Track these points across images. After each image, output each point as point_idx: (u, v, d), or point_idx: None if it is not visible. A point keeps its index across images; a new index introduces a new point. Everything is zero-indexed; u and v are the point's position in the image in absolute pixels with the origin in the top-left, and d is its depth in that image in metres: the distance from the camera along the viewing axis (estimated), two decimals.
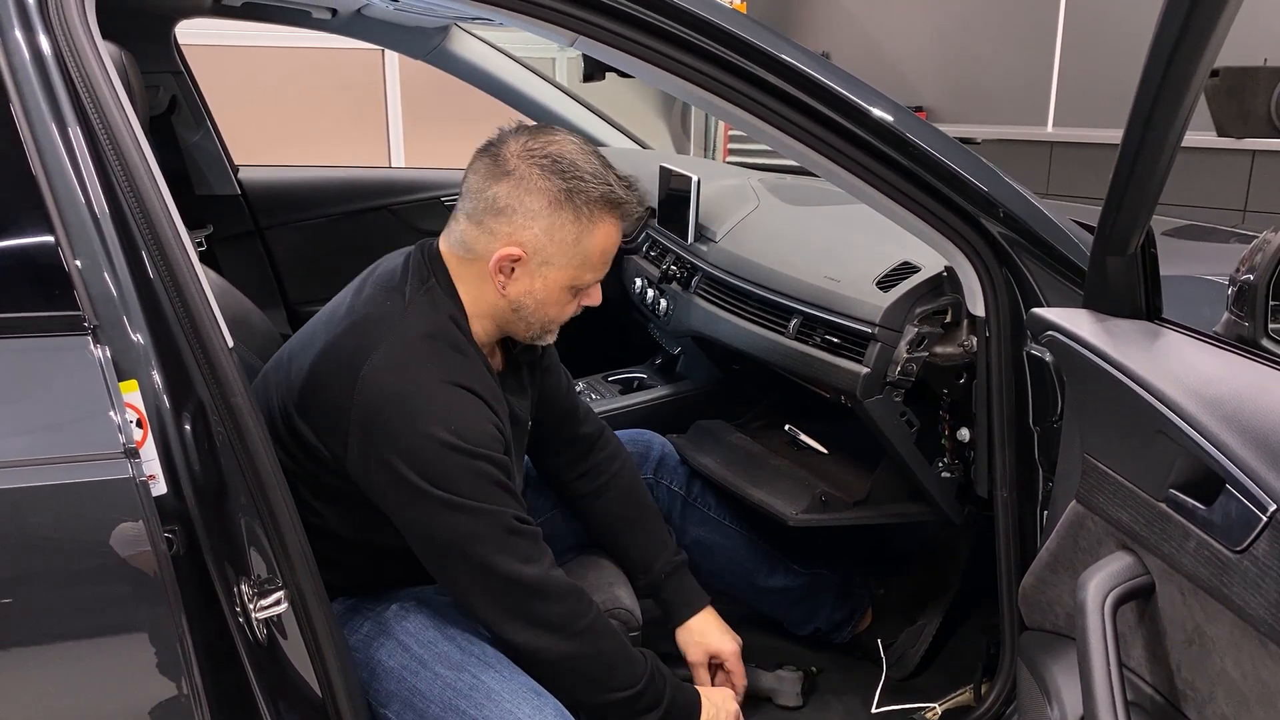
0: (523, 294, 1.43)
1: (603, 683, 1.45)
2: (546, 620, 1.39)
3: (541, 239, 1.39)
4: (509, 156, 1.39)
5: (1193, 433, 0.98)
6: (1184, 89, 1.02)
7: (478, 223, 1.41)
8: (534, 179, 1.38)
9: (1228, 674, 0.99)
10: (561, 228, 1.39)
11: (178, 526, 1.08)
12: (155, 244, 1.10)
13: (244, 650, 1.12)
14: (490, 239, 1.40)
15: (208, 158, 2.80)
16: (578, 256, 1.42)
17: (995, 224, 1.45)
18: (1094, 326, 1.22)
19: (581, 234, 1.40)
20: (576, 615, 1.41)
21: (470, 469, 1.33)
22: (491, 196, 1.39)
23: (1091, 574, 1.12)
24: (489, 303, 1.44)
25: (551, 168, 1.38)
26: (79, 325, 1.05)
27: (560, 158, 1.39)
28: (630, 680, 1.45)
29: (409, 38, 2.67)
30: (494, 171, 1.39)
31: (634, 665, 1.47)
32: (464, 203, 1.43)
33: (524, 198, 1.38)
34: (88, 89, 1.10)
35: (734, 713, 1.62)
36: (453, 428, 1.32)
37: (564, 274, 1.43)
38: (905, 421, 1.67)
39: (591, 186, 1.39)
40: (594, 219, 1.40)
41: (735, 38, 1.35)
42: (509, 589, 1.36)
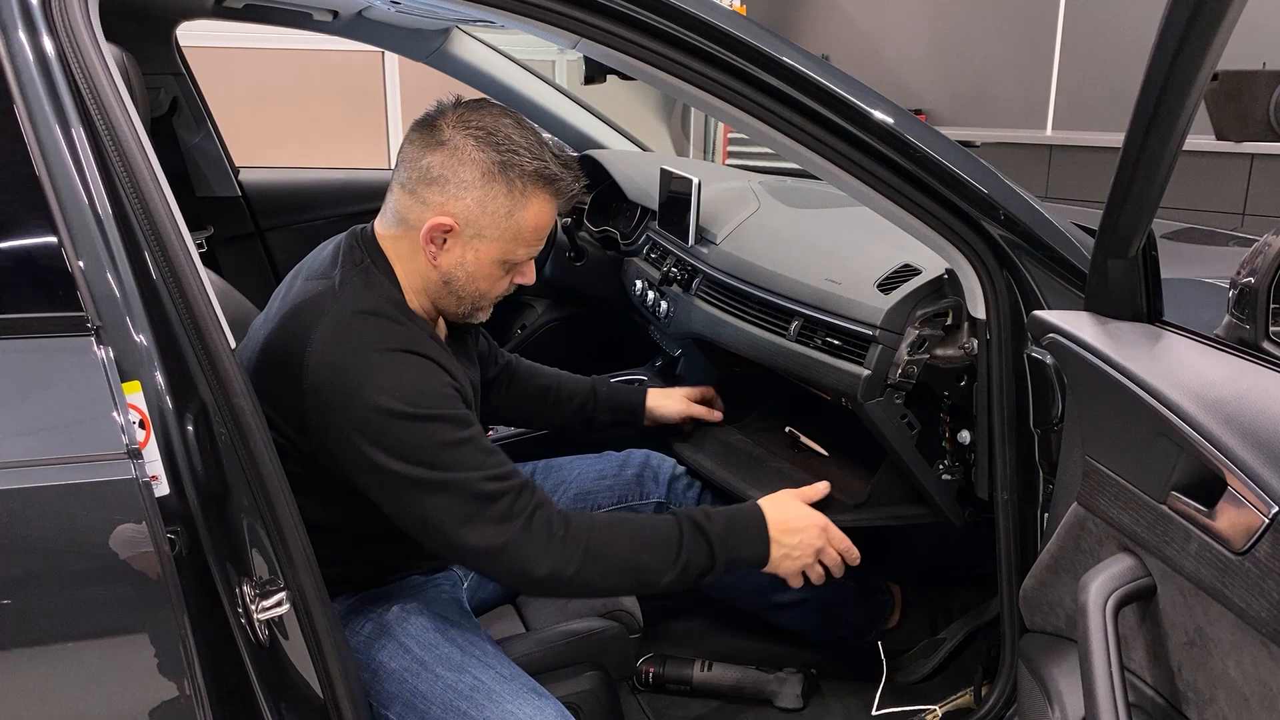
0: (454, 265, 1.43)
1: (642, 578, 1.41)
2: (551, 564, 1.34)
3: (474, 209, 1.40)
4: (444, 127, 1.40)
5: (1194, 435, 0.98)
6: (1186, 92, 1.02)
7: (410, 192, 1.41)
8: (468, 149, 1.38)
9: (1229, 676, 0.99)
10: (494, 199, 1.40)
11: (180, 527, 1.08)
12: (158, 245, 1.10)
13: (246, 651, 1.12)
14: (422, 208, 1.40)
15: (209, 159, 2.81)
16: (510, 230, 1.42)
17: (996, 226, 1.46)
18: (1095, 329, 1.22)
19: (514, 207, 1.41)
20: (578, 542, 1.36)
21: (427, 435, 1.31)
22: (425, 166, 1.39)
23: (1093, 576, 1.12)
24: (421, 276, 1.45)
25: (486, 139, 1.39)
26: (82, 326, 1.05)
27: (495, 130, 1.39)
28: (667, 556, 1.41)
29: (410, 40, 2.67)
30: (428, 141, 1.40)
31: (665, 543, 1.42)
32: (397, 173, 1.44)
33: (457, 168, 1.38)
34: (91, 90, 1.10)
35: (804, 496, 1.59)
36: (401, 394, 1.31)
37: (495, 247, 1.43)
38: (906, 424, 1.67)
39: (525, 160, 1.39)
40: (527, 193, 1.41)
41: (737, 40, 1.35)
42: (498, 554, 1.33)
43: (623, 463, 1.92)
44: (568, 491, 1.87)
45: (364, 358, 1.32)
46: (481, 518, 1.32)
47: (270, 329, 1.39)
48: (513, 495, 1.34)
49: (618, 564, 1.40)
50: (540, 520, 1.34)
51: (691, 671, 1.92)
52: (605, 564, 1.38)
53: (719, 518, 1.47)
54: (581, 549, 1.36)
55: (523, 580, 1.37)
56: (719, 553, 1.45)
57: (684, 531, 1.43)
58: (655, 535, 1.43)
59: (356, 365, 1.31)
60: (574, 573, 1.35)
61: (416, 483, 1.31)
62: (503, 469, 1.35)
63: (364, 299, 1.38)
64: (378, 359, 1.33)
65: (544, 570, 1.33)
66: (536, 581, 1.35)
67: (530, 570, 1.33)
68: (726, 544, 1.46)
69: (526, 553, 1.33)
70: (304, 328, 1.34)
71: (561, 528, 1.35)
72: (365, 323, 1.36)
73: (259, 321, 1.47)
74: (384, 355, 1.33)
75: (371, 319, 1.36)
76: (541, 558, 1.33)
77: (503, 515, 1.32)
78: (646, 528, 1.44)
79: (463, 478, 1.31)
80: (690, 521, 1.45)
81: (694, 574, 1.43)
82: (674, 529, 1.43)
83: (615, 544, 1.39)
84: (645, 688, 1.93)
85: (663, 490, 1.91)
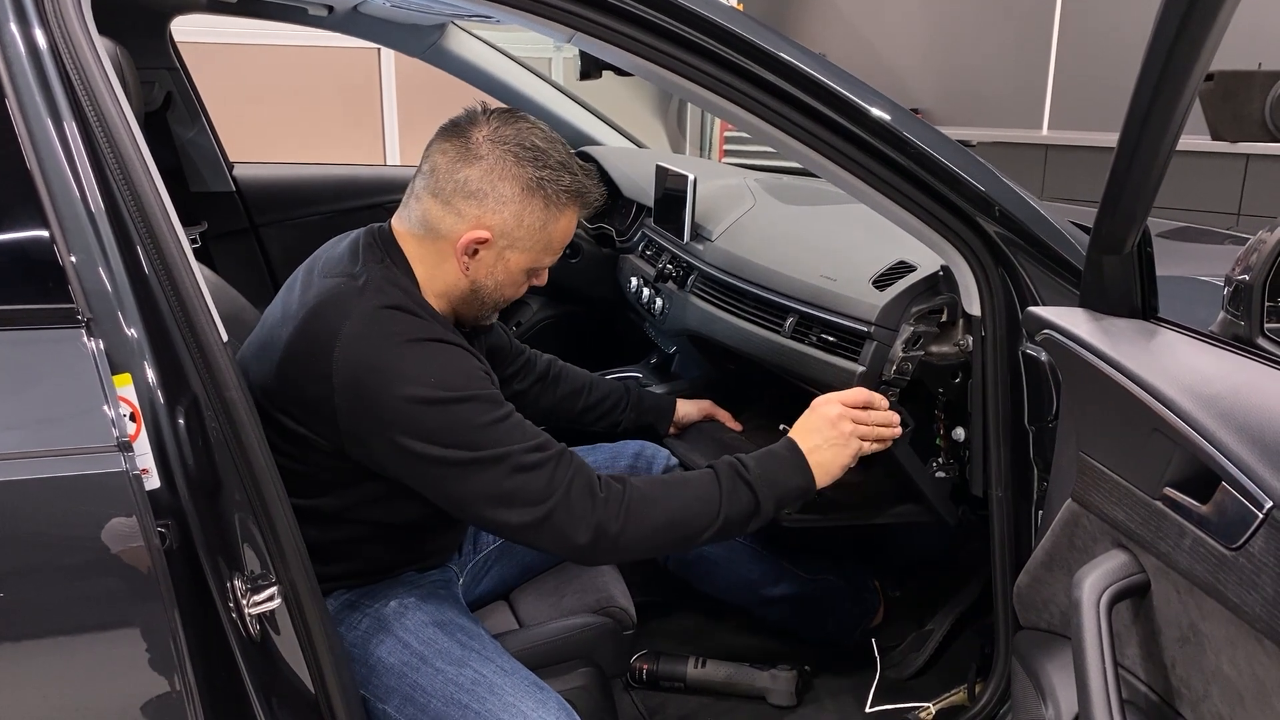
0: (484, 275, 1.46)
1: (686, 532, 1.41)
2: (594, 530, 1.34)
3: (510, 223, 1.42)
4: (480, 141, 1.41)
5: (1189, 431, 0.98)
6: (1182, 86, 1.02)
7: (445, 203, 1.42)
8: (507, 165, 1.40)
9: (1223, 671, 0.99)
10: (531, 214, 1.42)
11: (171, 521, 1.07)
12: (150, 239, 1.09)
13: (237, 646, 1.12)
14: (457, 220, 1.42)
15: (203, 154, 2.79)
16: (541, 241, 1.46)
17: (992, 223, 1.45)
18: (1090, 325, 1.22)
19: (548, 220, 1.44)
20: (619, 505, 1.36)
21: (462, 417, 1.32)
22: (463, 179, 1.40)
23: (1087, 572, 1.12)
24: (446, 282, 1.46)
25: (525, 155, 1.41)
26: (72, 318, 1.05)
27: (532, 146, 1.42)
28: (709, 508, 1.41)
29: (405, 35, 2.67)
30: (465, 155, 1.41)
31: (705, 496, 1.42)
32: (427, 181, 1.44)
33: (496, 183, 1.40)
34: (84, 84, 1.09)
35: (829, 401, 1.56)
36: (432, 380, 1.31)
37: (526, 258, 1.46)
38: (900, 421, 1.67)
39: (561, 175, 1.43)
40: (561, 207, 1.44)
41: (734, 35, 1.35)
42: (543, 525, 1.33)
43: (615, 454, 1.92)
44: None
45: (393, 351, 1.33)
46: (525, 492, 1.32)
47: (294, 327, 1.38)
48: (552, 465, 1.34)
49: (660, 522, 1.39)
50: (580, 487, 1.35)
51: (685, 668, 1.92)
52: (647, 524, 1.38)
53: (752, 460, 1.47)
54: (623, 512, 1.36)
55: (568, 548, 1.36)
56: (763, 494, 1.44)
57: (722, 481, 1.43)
58: (695, 489, 1.42)
59: (386, 359, 1.32)
60: (616, 535, 1.35)
61: (457, 464, 1.31)
62: (540, 439, 1.36)
63: (388, 294, 1.39)
64: (407, 350, 1.33)
65: (587, 537, 1.33)
66: (580, 549, 1.35)
67: (574, 538, 1.33)
68: (765, 478, 1.45)
69: (571, 520, 1.33)
70: (331, 325, 1.35)
71: (603, 492, 1.36)
72: (391, 317, 1.36)
73: (276, 318, 1.45)
74: (412, 345, 1.34)
75: (397, 313, 1.37)
76: (584, 525, 1.33)
77: (545, 486, 1.33)
78: (685, 483, 1.44)
79: (502, 453, 1.32)
80: (726, 466, 1.45)
81: (739, 520, 1.43)
82: (712, 480, 1.43)
83: (655, 503, 1.39)
84: (639, 684, 1.93)
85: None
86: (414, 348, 1.34)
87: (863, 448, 1.53)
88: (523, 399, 1.88)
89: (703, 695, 1.93)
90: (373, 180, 3.11)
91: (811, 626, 2.02)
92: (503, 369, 1.84)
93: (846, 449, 1.51)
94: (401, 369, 1.32)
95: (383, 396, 1.31)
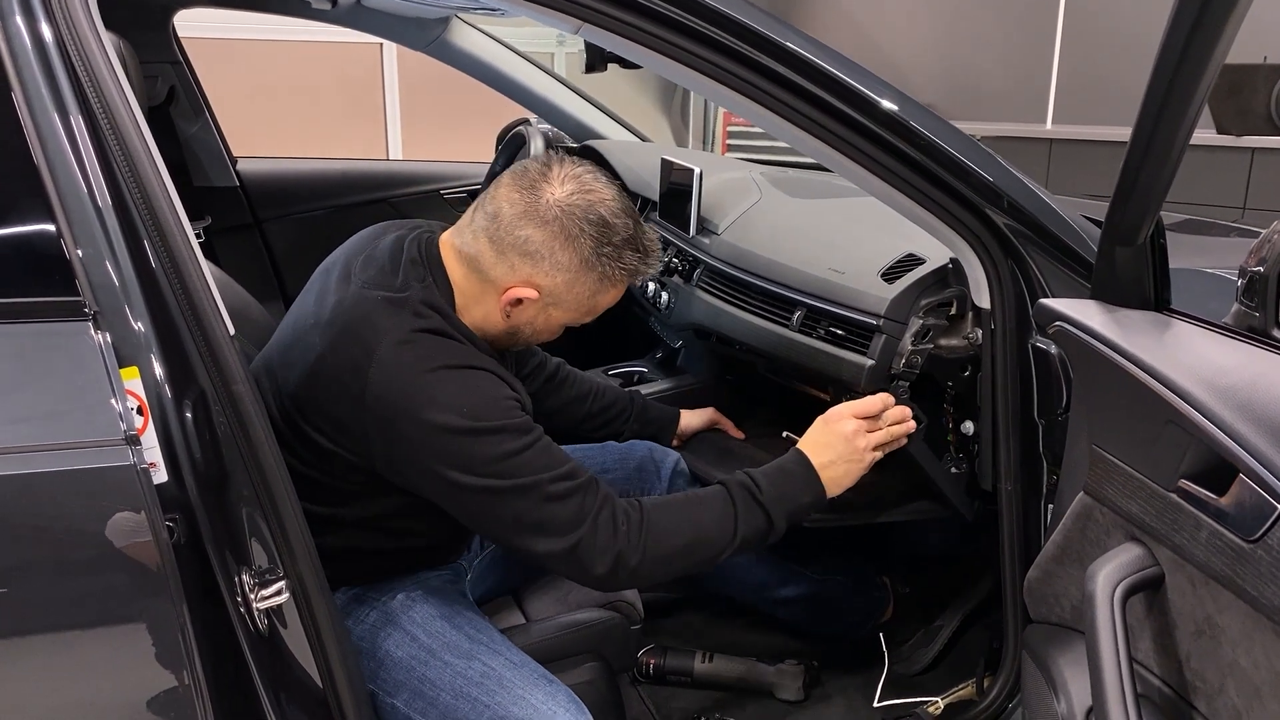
0: (524, 324, 1.45)
1: (704, 556, 1.42)
2: (614, 561, 1.34)
3: (561, 290, 1.41)
4: (550, 204, 1.37)
5: (1205, 422, 0.97)
6: (1198, 77, 1.01)
7: (500, 253, 1.39)
8: (572, 235, 1.37)
9: (1239, 665, 0.99)
10: (583, 285, 1.41)
11: (179, 515, 1.07)
12: (157, 233, 1.09)
13: (245, 641, 1.11)
14: (509, 272, 1.39)
15: (206, 149, 2.79)
16: (586, 307, 1.46)
17: (1001, 215, 1.45)
18: (1103, 317, 1.21)
19: (598, 292, 1.44)
20: (640, 536, 1.36)
21: (493, 447, 1.31)
22: (524, 238, 1.37)
23: (1100, 565, 1.11)
24: (485, 318, 1.44)
25: (591, 229, 1.38)
26: (79, 311, 1.04)
27: (601, 221, 1.38)
28: (724, 532, 1.41)
29: (409, 29, 2.66)
30: (532, 213, 1.37)
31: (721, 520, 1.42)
32: (488, 225, 1.39)
33: (557, 251, 1.38)
34: (90, 77, 1.08)
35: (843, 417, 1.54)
36: (466, 410, 1.31)
37: (568, 316, 1.46)
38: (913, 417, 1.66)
39: (623, 255, 1.41)
40: (614, 282, 1.44)
41: (742, 25, 1.34)
42: (569, 555, 1.33)
43: (624, 455, 1.91)
44: None
45: (427, 376, 1.32)
46: (553, 522, 1.32)
47: (328, 339, 1.37)
48: (580, 495, 1.34)
49: (677, 549, 1.39)
50: (605, 517, 1.35)
51: (692, 663, 1.92)
52: (665, 552, 1.38)
53: (764, 478, 1.46)
54: (642, 543, 1.36)
55: (589, 578, 1.37)
56: (774, 511, 1.44)
57: (737, 503, 1.43)
58: (710, 514, 1.42)
59: (420, 384, 1.31)
60: (635, 567, 1.36)
61: (487, 492, 1.31)
62: (567, 467, 1.35)
63: (426, 318, 1.37)
64: (441, 376, 1.32)
65: (606, 568, 1.34)
66: (599, 578, 1.36)
67: (594, 569, 1.34)
68: (778, 497, 1.45)
69: (593, 552, 1.34)
70: (366, 345, 1.33)
71: (624, 523, 1.36)
72: (427, 341, 1.35)
73: (307, 321, 1.43)
74: (447, 373, 1.33)
75: (433, 338, 1.36)
76: (606, 556, 1.34)
77: (572, 516, 1.33)
78: (700, 506, 1.43)
79: (531, 482, 1.32)
80: (739, 487, 1.44)
81: (753, 541, 1.43)
82: (726, 502, 1.43)
83: (672, 531, 1.39)
84: (646, 679, 1.93)
85: (664, 486, 1.90)
86: (448, 375, 1.33)
87: (877, 456, 1.53)
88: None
89: (710, 690, 1.92)
90: (376, 175, 3.11)
91: (822, 625, 2.01)
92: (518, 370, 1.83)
93: (860, 464, 1.51)
94: (434, 396, 1.31)
95: (415, 423, 1.30)
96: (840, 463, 1.50)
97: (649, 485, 1.89)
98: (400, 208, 2.93)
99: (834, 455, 1.49)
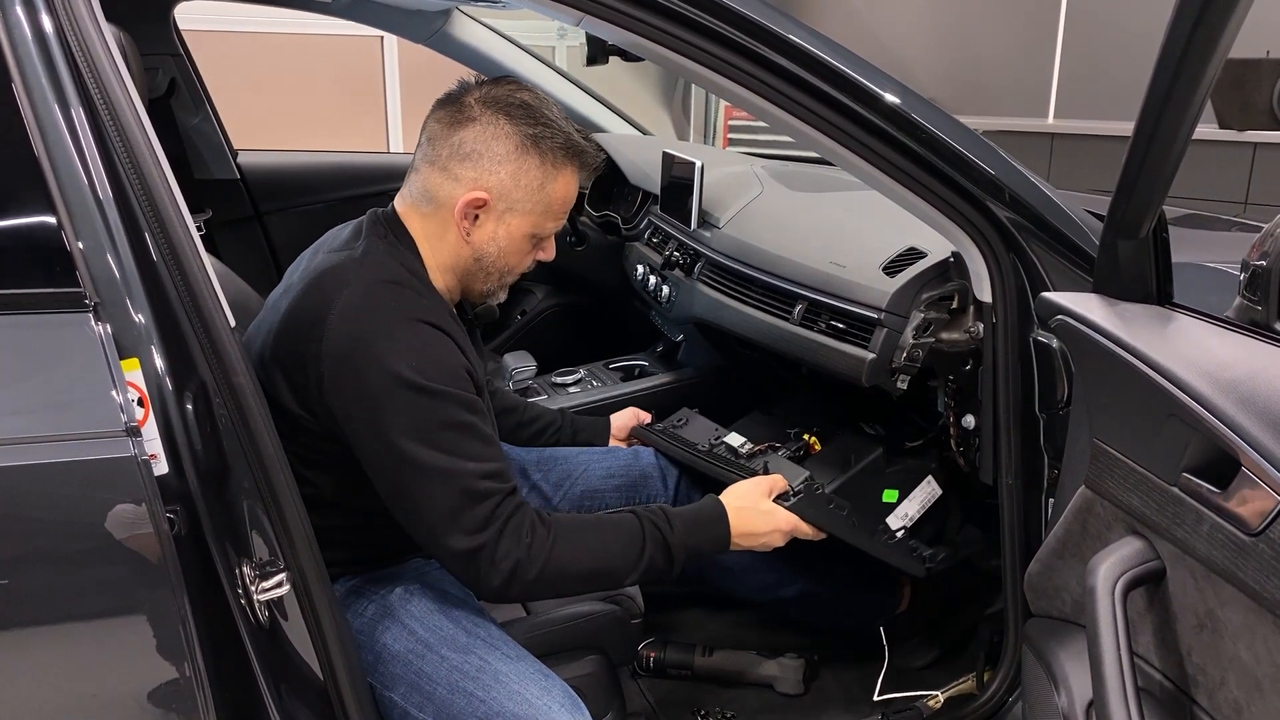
0: (486, 241, 1.45)
1: (600, 584, 1.45)
2: (508, 575, 1.32)
3: (507, 183, 1.41)
4: (473, 104, 1.41)
5: (1208, 416, 0.97)
6: (1202, 70, 1.01)
7: (442, 169, 1.42)
8: (501, 124, 1.40)
9: (1240, 658, 0.99)
10: (527, 172, 1.42)
11: (179, 507, 1.07)
12: (158, 225, 1.09)
13: (246, 632, 1.11)
14: (455, 184, 1.41)
15: (207, 141, 2.79)
16: (541, 203, 1.44)
17: (1002, 208, 1.44)
18: (1105, 310, 1.21)
19: (545, 179, 1.43)
20: (541, 551, 1.34)
21: (434, 411, 1.30)
22: (457, 142, 1.40)
23: (1101, 559, 1.11)
24: (450, 253, 1.45)
25: (517, 114, 1.41)
26: (80, 302, 1.04)
27: (525, 104, 1.42)
28: (628, 561, 1.42)
29: (410, 21, 2.65)
30: (458, 118, 1.41)
31: (628, 550, 1.42)
32: (424, 152, 1.44)
33: (491, 143, 1.40)
34: (90, 69, 1.08)
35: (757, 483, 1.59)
36: (417, 364, 1.30)
37: (527, 221, 1.45)
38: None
39: (556, 133, 1.42)
40: (558, 165, 1.43)
41: (745, 18, 1.33)
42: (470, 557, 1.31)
43: (630, 461, 1.90)
44: (574, 488, 1.85)
45: (386, 325, 1.32)
46: (464, 516, 1.30)
47: (293, 296, 1.39)
48: (498, 498, 1.33)
49: (578, 574, 1.40)
50: (513, 528, 1.33)
51: (692, 656, 1.92)
52: (565, 574, 1.38)
53: (679, 521, 1.47)
54: (544, 560, 1.34)
55: (482, 586, 1.35)
56: (677, 556, 1.45)
57: (646, 537, 1.43)
58: (618, 542, 1.42)
59: (378, 331, 1.31)
60: (531, 582, 1.34)
61: (413, 462, 1.30)
62: (496, 465, 1.34)
63: (388, 269, 1.39)
64: (400, 327, 1.33)
65: (501, 579, 1.32)
66: (493, 590, 1.34)
67: (491, 578, 1.32)
68: (686, 545, 1.46)
69: (494, 559, 1.31)
70: (328, 294, 1.34)
71: (528, 535, 1.34)
72: (389, 291, 1.36)
73: (278, 293, 1.46)
74: (406, 324, 1.33)
75: (396, 288, 1.37)
76: (504, 564, 1.32)
77: (484, 518, 1.31)
78: (610, 534, 1.43)
79: (458, 467, 1.30)
80: (653, 525, 1.45)
81: (653, 576, 1.45)
82: (637, 535, 1.43)
83: (577, 554, 1.39)
84: (646, 672, 1.93)
85: (670, 494, 1.89)
86: (406, 326, 1.33)
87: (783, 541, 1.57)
88: None
89: (710, 683, 1.92)
90: (377, 168, 3.10)
91: (831, 620, 2.00)
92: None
93: (769, 544, 1.56)
94: (389, 344, 1.31)
95: (366, 367, 1.30)
96: (752, 536, 1.53)
97: (654, 493, 1.88)
98: None
99: (750, 528, 1.53)
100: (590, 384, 2.46)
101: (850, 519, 1.64)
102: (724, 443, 1.85)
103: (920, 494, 1.74)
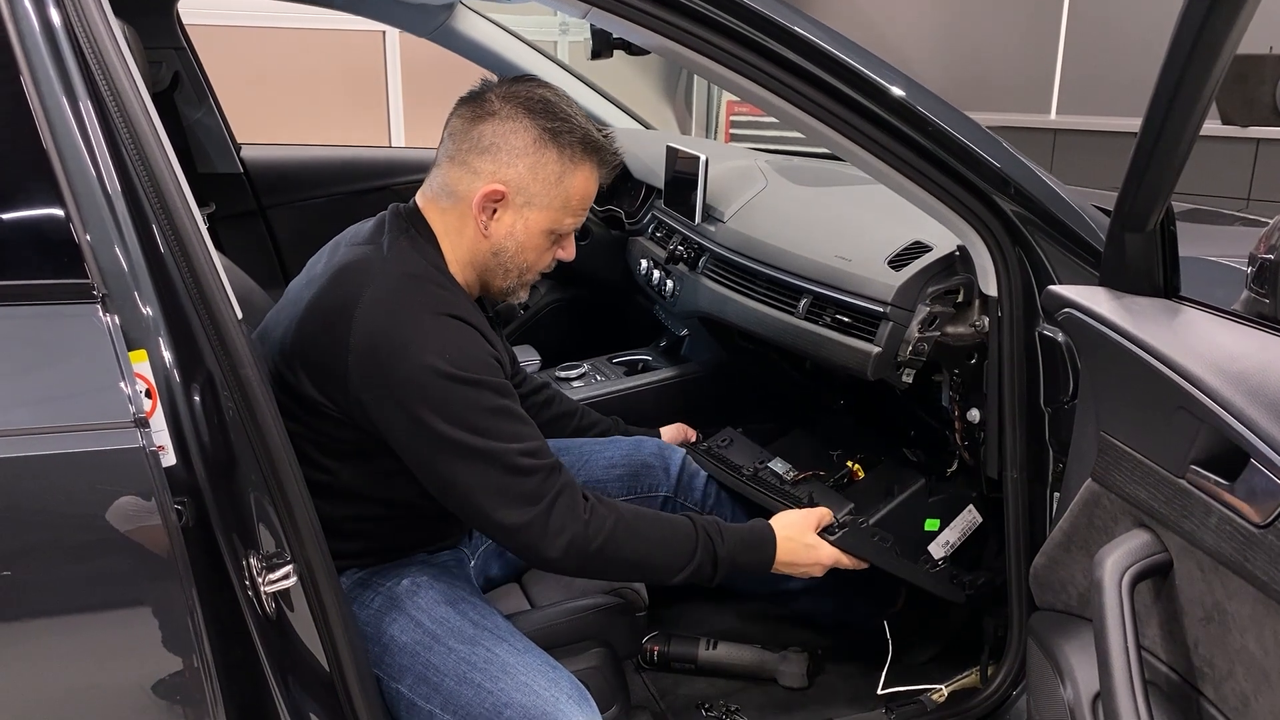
0: (504, 235, 1.46)
1: (649, 575, 1.49)
2: (565, 547, 1.36)
3: (525, 177, 1.42)
4: (493, 99, 1.44)
5: (1216, 408, 0.97)
6: (1211, 64, 1.01)
7: (461, 163, 1.44)
8: (519, 118, 1.42)
9: (1248, 650, 0.99)
10: (545, 166, 1.43)
11: (187, 498, 1.07)
12: (165, 217, 1.09)
13: (253, 623, 1.11)
14: (473, 178, 1.43)
15: (210, 135, 2.79)
16: (559, 198, 1.45)
17: (1008, 201, 1.44)
18: (1112, 303, 1.21)
19: (563, 174, 1.44)
20: (598, 532, 1.38)
21: (470, 399, 1.33)
22: (476, 135, 1.42)
23: (1108, 551, 1.12)
24: (469, 248, 1.46)
25: (536, 108, 1.42)
26: (88, 294, 1.04)
27: (544, 100, 1.44)
28: (679, 561, 1.46)
29: (414, 15, 2.65)
30: (478, 113, 1.43)
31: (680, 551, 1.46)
32: (445, 147, 1.46)
33: (509, 136, 1.42)
34: (99, 62, 1.08)
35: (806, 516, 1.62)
36: (448, 356, 1.32)
37: (545, 216, 1.46)
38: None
39: (574, 127, 1.44)
40: (575, 160, 1.44)
41: (751, 10, 1.33)
42: (520, 531, 1.35)
43: (632, 451, 1.90)
44: (575, 477, 1.84)
45: (414, 319, 1.34)
46: (511, 492, 1.34)
47: (316, 290, 1.40)
48: (543, 474, 1.36)
49: (632, 560, 1.44)
50: (564, 503, 1.37)
51: (696, 650, 1.91)
52: (621, 556, 1.42)
53: (732, 537, 1.51)
54: (604, 535, 1.39)
55: (537, 559, 1.39)
56: (722, 569, 1.50)
57: (699, 544, 1.48)
58: (674, 540, 1.47)
59: (406, 325, 1.33)
60: (592, 554, 1.38)
61: (454, 446, 1.32)
62: (536, 443, 1.37)
63: (412, 263, 1.40)
64: (427, 321, 1.34)
65: (558, 551, 1.36)
66: (548, 561, 1.38)
67: (547, 549, 1.36)
68: (733, 561, 1.51)
69: (546, 533, 1.35)
70: (354, 288, 1.36)
71: (586, 513, 1.38)
72: (415, 285, 1.38)
73: (299, 285, 1.48)
74: (433, 318, 1.35)
75: (420, 282, 1.38)
76: (561, 538, 1.36)
77: (531, 493, 1.34)
78: (667, 531, 1.47)
79: (499, 448, 1.33)
80: (706, 534, 1.49)
81: (691, 581, 1.49)
82: (691, 539, 1.47)
83: (634, 540, 1.43)
84: (650, 666, 1.93)
85: (671, 484, 1.89)
86: (433, 320, 1.34)
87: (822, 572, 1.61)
88: None
89: (714, 677, 1.92)
90: (379, 162, 3.10)
91: (834, 614, 2.01)
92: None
93: (809, 573, 1.61)
94: (419, 337, 1.32)
95: (396, 362, 1.31)
96: (793, 566, 1.59)
97: (656, 483, 1.89)
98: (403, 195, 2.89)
99: (794, 559, 1.58)
100: (594, 378, 2.46)
101: (893, 549, 1.67)
102: (769, 468, 1.88)
103: (961, 522, 1.74)
